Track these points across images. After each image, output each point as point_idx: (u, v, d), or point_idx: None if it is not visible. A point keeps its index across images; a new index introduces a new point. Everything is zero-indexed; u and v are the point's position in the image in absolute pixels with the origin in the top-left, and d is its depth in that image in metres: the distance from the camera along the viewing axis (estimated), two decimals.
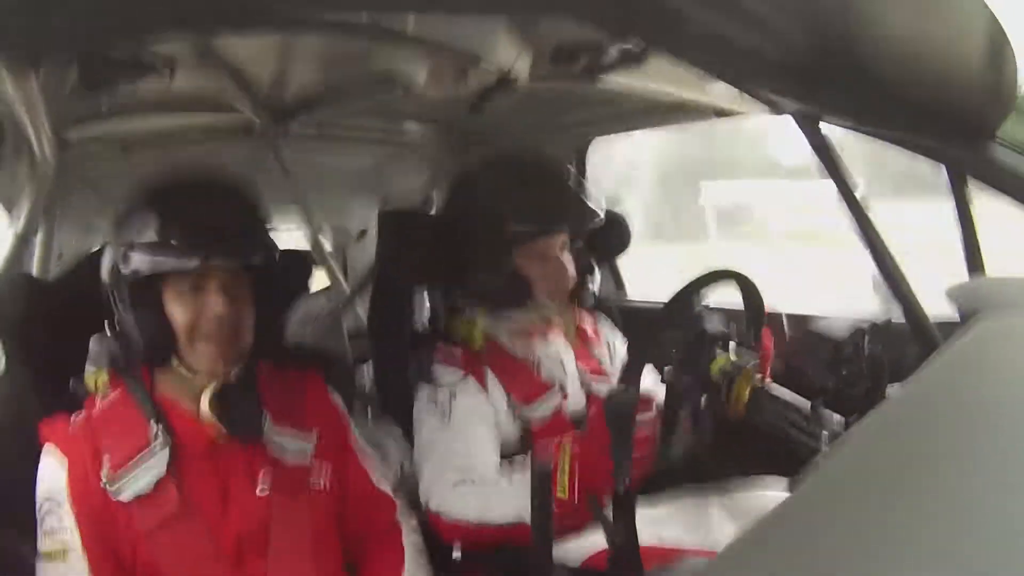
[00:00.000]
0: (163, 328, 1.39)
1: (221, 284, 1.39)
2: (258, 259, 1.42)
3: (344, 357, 2.27)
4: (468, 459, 1.64)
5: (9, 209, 2.15)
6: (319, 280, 3.12)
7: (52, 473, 1.36)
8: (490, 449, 1.68)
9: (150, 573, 1.33)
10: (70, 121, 1.99)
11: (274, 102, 2.08)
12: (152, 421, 1.37)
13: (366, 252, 3.42)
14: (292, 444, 1.46)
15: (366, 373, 2.89)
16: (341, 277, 3.05)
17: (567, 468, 1.46)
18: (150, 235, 1.36)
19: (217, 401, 1.42)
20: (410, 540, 1.54)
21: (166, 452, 1.35)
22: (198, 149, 2.15)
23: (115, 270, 1.40)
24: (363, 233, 3.47)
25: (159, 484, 1.34)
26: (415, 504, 1.66)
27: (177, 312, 1.39)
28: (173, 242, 1.34)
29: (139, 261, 1.36)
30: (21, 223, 1.95)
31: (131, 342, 1.41)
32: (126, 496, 1.33)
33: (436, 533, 1.62)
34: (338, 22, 0.91)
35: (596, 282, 1.87)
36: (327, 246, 3.01)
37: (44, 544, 1.33)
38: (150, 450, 1.35)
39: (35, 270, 2.28)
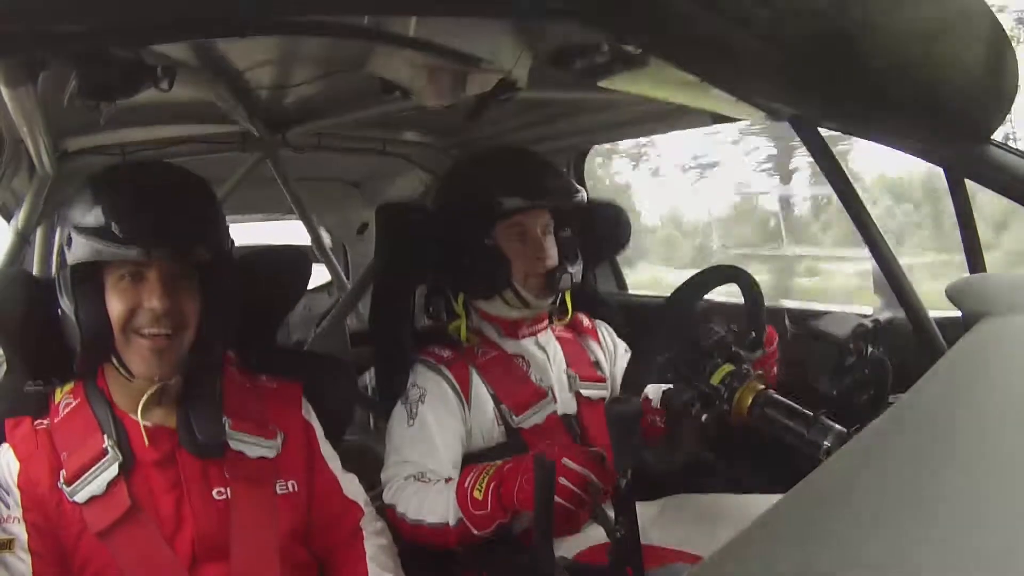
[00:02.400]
0: (99, 316, 1.34)
1: (162, 277, 1.34)
2: (203, 253, 1.38)
3: (345, 361, 2.26)
4: (425, 459, 1.67)
5: (7, 218, 2.15)
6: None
7: (6, 464, 1.35)
8: (446, 455, 1.70)
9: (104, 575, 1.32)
10: (69, 132, 1.99)
11: (272, 112, 2.08)
12: (105, 436, 1.36)
13: (368, 248, 3.43)
14: (253, 450, 1.44)
15: (370, 377, 2.90)
16: (342, 273, 3.05)
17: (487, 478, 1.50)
18: (93, 220, 1.32)
19: (176, 412, 1.41)
20: (373, 543, 1.53)
21: (117, 463, 1.34)
22: (197, 158, 2.15)
23: (61, 256, 1.38)
24: (364, 226, 3.48)
25: (112, 486, 1.33)
26: None
27: (114, 302, 1.34)
28: (115, 230, 1.30)
29: (81, 247, 1.32)
30: (20, 222, 1.95)
31: (71, 333, 1.38)
32: (80, 498, 1.32)
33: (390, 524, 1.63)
34: (340, 25, 0.91)
35: (578, 269, 1.85)
36: (327, 241, 3.02)
37: None
38: (103, 463, 1.34)
39: (35, 268, 2.29)
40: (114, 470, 1.34)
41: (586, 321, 2.01)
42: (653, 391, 1.75)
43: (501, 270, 1.78)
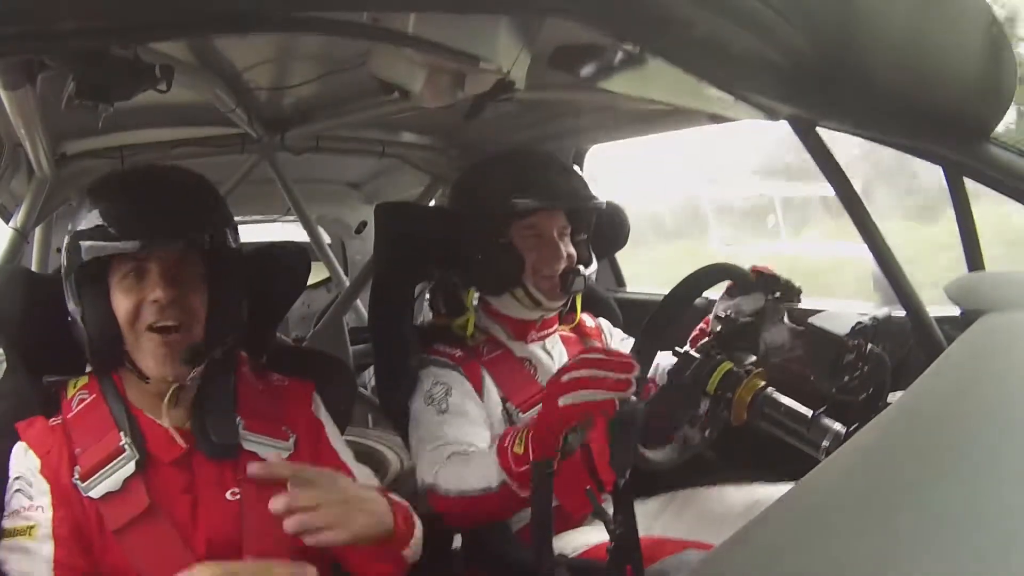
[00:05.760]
0: (104, 315, 1.35)
1: (164, 269, 1.34)
2: (204, 240, 1.37)
3: (345, 360, 2.25)
4: (464, 435, 1.65)
5: (6, 220, 2.15)
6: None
7: (25, 459, 1.34)
8: (484, 431, 1.69)
9: (120, 574, 1.31)
10: (67, 135, 1.99)
11: (271, 114, 2.08)
12: (122, 433, 1.36)
13: (365, 244, 3.44)
14: (266, 451, 1.44)
15: (369, 376, 2.90)
16: (340, 270, 3.06)
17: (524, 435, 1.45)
18: (91, 224, 1.34)
19: (191, 415, 1.41)
20: None
21: (135, 461, 1.34)
22: (195, 160, 2.15)
23: (67, 262, 1.39)
24: (363, 225, 3.48)
25: (128, 483, 1.33)
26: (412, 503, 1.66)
27: (119, 299, 1.35)
28: (111, 227, 1.32)
29: (81, 250, 1.33)
30: (18, 224, 1.96)
31: (82, 337, 1.38)
32: (96, 493, 1.31)
33: (432, 510, 1.60)
34: (339, 23, 0.91)
35: (591, 272, 1.87)
36: (326, 239, 3.01)
37: (7, 522, 1.30)
38: (120, 459, 1.34)
39: (33, 265, 2.29)
40: (131, 467, 1.34)
41: (589, 321, 2.02)
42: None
43: (514, 267, 1.79)
